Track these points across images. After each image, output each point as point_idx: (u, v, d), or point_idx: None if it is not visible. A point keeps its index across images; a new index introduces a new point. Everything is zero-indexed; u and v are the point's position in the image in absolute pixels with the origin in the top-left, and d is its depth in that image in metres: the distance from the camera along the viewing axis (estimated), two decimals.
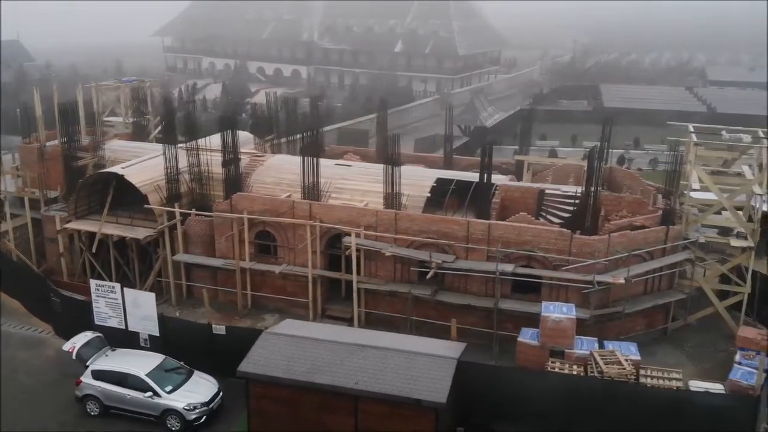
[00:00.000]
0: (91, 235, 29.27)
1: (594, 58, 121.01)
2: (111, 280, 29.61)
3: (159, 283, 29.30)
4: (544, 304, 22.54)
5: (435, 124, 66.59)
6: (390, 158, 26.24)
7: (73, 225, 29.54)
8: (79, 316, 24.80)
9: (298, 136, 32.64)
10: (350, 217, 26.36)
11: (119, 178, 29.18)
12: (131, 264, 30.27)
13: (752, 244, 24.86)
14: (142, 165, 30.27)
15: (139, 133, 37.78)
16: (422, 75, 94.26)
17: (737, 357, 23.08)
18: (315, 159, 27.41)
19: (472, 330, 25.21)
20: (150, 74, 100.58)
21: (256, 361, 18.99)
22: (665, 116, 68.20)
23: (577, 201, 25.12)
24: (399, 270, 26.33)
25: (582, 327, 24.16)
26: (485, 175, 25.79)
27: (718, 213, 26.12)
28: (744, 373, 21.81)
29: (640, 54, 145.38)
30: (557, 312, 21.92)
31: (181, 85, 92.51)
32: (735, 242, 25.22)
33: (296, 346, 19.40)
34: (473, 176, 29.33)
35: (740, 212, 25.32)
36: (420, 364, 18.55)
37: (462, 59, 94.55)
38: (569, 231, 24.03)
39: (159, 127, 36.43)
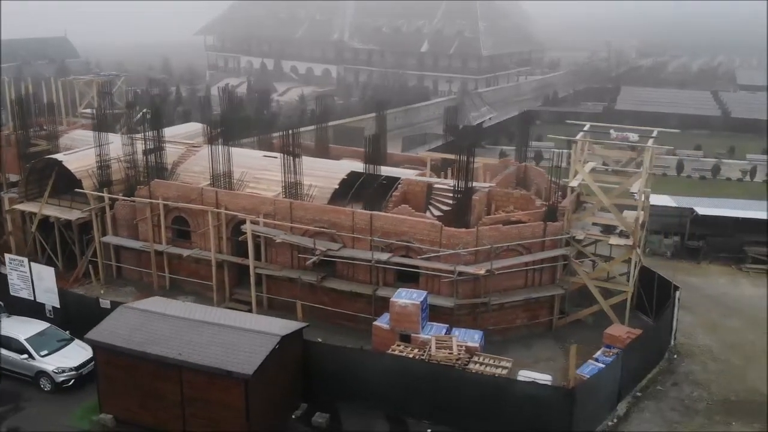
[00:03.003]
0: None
1: (631, 60, 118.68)
2: (57, 259, 32.32)
3: (95, 263, 31.53)
4: (398, 290, 23.43)
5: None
6: (289, 150, 27.51)
7: (20, 206, 32.11)
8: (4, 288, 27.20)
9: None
10: (252, 205, 27.83)
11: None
12: (81, 245, 32.65)
13: (630, 243, 24.96)
14: (84, 153, 32.53)
15: (111, 125, 40.32)
16: (447, 75, 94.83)
17: (597, 353, 23.38)
18: (228, 149, 29.00)
19: (359, 316, 26.37)
20: (194, 73, 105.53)
21: (102, 331, 20.70)
22: (674, 119, 67.19)
23: (458, 195, 25.77)
24: (296, 257, 27.63)
25: (456, 316, 25.00)
26: (373, 167, 26.74)
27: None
28: (593, 368, 22.14)
29: (691, 57, 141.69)
30: (408, 298, 22.77)
31: (220, 83, 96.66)
32: (613, 240, 25.37)
33: (143, 320, 20.99)
34: (395, 171, 30.49)
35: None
36: (244, 339, 19.82)
37: (487, 60, 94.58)
38: (440, 223, 24.79)
39: (123, 119, 38.90)
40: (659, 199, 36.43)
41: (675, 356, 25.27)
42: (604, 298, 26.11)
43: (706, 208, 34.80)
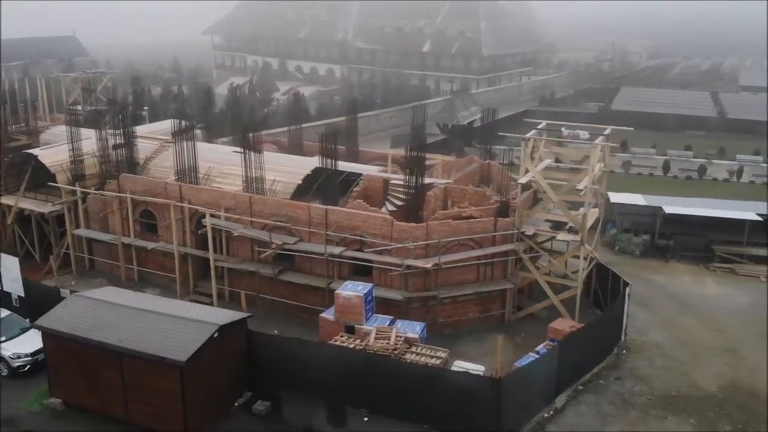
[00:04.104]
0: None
1: (639, 60, 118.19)
2: (35, 251, 33.23)
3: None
4: (344, 283, 23.94)
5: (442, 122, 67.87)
6: (248, 145, 28.12)
7: None
8: None
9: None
10: (213, 200, 28.51)
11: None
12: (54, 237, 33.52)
13: (576, 239, 25.27)
14: (60, 148, 33.39)
15: (95, 121, 41.28)
16: (448, 75, 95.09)
17: (539, 346, 23.72)
18: (193, 144, 29.69)
19: (316, 309, 26.89)
20: (201, 72, 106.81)
21: (50, 318, 21.45)
22: (668, 119, 67.00)
23: (411, 191, 26.23)
24: (256, 250, 28.22)
25: (407, 309, 25.48)
26: (332, 162, 27.32)
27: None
28: (531, 360, 22.50)
29: (702, 58, 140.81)
30: (353, 290, 23.28)
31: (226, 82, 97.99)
32: (561, 236, 25.69)
33: (90, 308, 21.69)
34: (358, 167, 31.05)
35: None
36: (184, 328, 20.43)
37: (489, 60, 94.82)
38: (391, 218, 25.27)
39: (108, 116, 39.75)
40: (630, 198, 36.67)
41: (624, 352, 25.53)
42: (558, 293, 26.44)
43: (675, 207, 34.88)
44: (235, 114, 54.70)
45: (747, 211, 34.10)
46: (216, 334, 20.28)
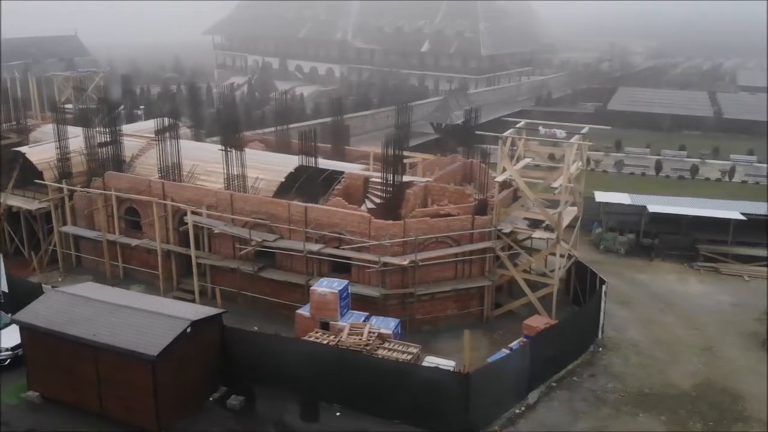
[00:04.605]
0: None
1: (639, 61, 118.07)
2: (24, 248, 33.56)
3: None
4: (320, 279, 24.14)
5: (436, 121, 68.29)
6: (231, 143, 28.36)
7: None
8: None
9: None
10: (196, 197, 28.76)
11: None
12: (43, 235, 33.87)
13: (552, 237, 25.42)
14: (48, 146, 33.70)
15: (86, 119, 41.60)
16: (447, 75, 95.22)
17: (513, 343, 23.89)
18: (177, 142, 29.96)
19: (294, 305, 27.05)
20: (203, 71, 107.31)
21: (28, 312, 21.73)
22: (665, 119, 67.03)
23: (389, 189, 26.41)
24: (238, 248, 28.45)
25: (384, 306, 25.68)
26: (311, 160, 27.57)
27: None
28: (501, 356, 22.67)
29: (704, 58, 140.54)
30: (328, 287, 23.48)
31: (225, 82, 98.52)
32: (538, 234, 25.84)
33: (68, 303, 21.95)
34: (341, 166, 31.26)
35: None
36: (157, 323, 20.67)
37: (487, 60, 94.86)
38: (369, 215, 25.47)
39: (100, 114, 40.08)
40: (616, 197, 36.76)
41: (600, 349, 25.65)
42: (536, 291, 26.61)
43: (659, 205, 34.96)
44: (228, 113, 55.11)
45: (732, 210, 34.14)
46: (189, 329, 20.51)
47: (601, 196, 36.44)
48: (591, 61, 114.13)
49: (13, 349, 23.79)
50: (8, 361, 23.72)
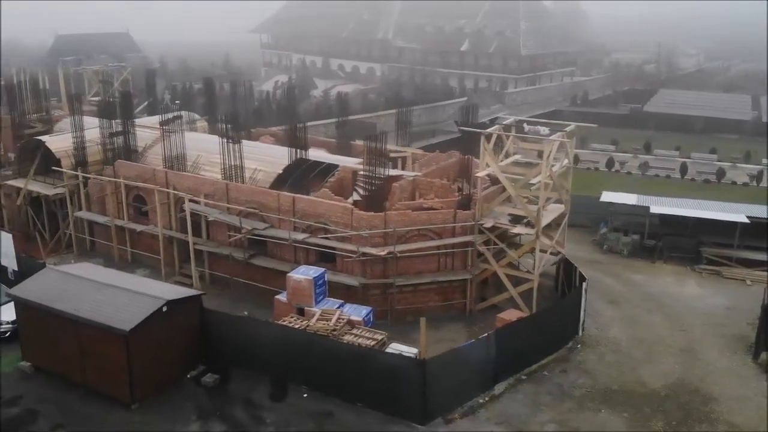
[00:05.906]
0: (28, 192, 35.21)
1: (691, 63, 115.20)
2: (45, 231, 35.60)
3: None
4: (299, 267, 25.00)
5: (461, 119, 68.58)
6: (227, 136, 29.49)
7: (10, 181, 35.53)
8: None
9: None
10: (195, 186, 30.05)
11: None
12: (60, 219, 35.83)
13: (531, 232, 25.64)
14: (68, 135, 35.58)
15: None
16: (486, 74, 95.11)
17: (483, 335, 24.18)
18: (182, 133, 31.33)
19: (282, 292, 28.00)
20: (250, 69, 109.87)
21: (23, 288, 23.30)
22: (699, 122, 65.59)
23: (375, 181, 27.08)
24: (228, 234, 29.54)
25: (366, 295, 26.38)
26: (299, 152, 28.49)
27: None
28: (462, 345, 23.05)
29: (758, 62, 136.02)
30: (304, 274, 24.33)
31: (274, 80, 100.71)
32: (517, 229, 26.10)
33: (60, 281, 23.42)
34: (337, 159, 32.10)
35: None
36: (136, 301, 21.88)
37: (527, 59, 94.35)
38: (351, 206, 26.21)
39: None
40: (622, 197, 36.47)
41: (578, 346, 25.75)
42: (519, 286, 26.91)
43: (662, 207, 34.57)
44: (258, 108, 56.84)
45: (738, 214, 33.51)
46: (165, 308, 21.66)
47: (606, 196, 36.22)
48: (635, 62, 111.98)
49: (12, 322, 25.44)
50: (8, 333, 25.40)
